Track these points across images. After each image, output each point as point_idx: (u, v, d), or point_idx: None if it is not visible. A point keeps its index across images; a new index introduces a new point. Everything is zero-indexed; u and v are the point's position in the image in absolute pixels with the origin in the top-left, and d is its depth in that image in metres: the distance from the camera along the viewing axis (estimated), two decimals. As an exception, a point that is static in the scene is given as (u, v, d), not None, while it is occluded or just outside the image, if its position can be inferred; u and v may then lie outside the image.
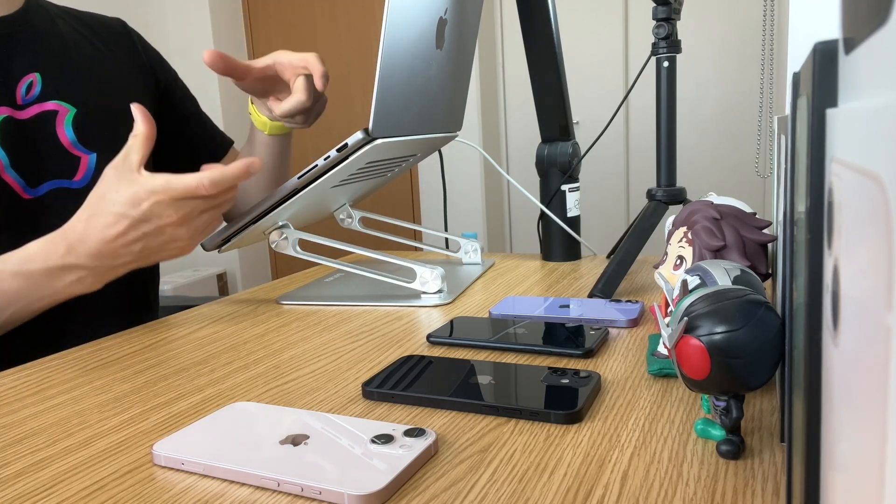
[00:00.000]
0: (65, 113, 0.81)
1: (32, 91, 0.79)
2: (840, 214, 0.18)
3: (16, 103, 0.78)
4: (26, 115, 0.79)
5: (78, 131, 0.82)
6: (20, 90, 0.79)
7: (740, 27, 2.85)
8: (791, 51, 0.51)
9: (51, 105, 0.81)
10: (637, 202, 3.16)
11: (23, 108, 0.79)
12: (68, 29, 0.88)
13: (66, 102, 0.82)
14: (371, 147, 0.69)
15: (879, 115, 0.13)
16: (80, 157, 0.83)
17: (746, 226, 0.46)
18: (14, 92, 0.78)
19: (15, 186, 0.78)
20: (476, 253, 0.97)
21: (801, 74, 0.24)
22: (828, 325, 0.20)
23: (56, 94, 0.81)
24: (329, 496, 0.34)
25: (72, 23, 0.90)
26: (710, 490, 0.34)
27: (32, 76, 0.80)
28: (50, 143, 0.80)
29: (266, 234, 0.78)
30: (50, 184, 0.80)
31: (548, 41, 0.90)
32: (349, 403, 0.48)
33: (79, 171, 0.83)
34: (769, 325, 0.34)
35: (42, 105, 0.80)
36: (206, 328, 0.70)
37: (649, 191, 0.82)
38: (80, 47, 0.88)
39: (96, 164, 0.84)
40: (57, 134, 0.81)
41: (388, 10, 0.64)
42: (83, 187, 0.83)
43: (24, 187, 0.78)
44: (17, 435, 0.45)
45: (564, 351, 0.55)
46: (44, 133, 0.80)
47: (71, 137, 0.82)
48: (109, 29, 0.95)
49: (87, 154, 0.83)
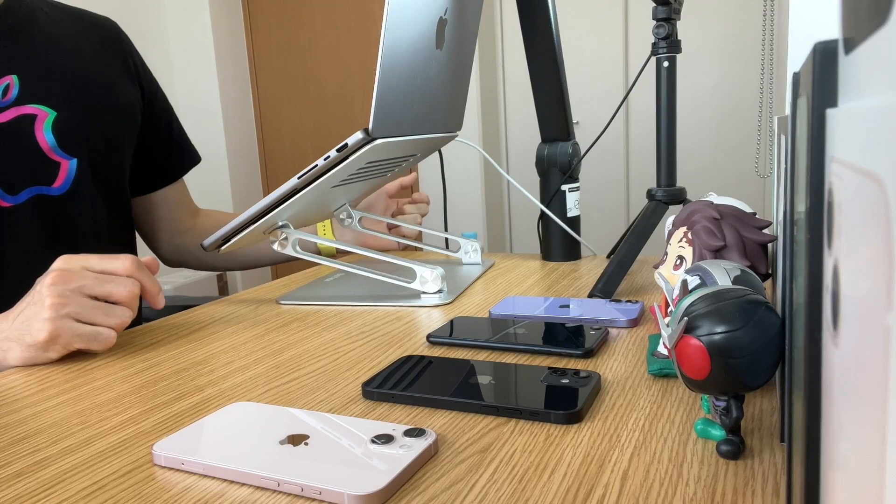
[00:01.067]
0: (44, 117, 0.79)
1: (9, 94, 0.77)
2: (840, 214, 0.18)
3: None
4: (3, 119, 0.76)
5: (58, 136, 0.80)
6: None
7: (740, 27, 2.85)
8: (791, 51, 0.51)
9: (29, 109, 0.78)
10: (637, 202, 3.16)
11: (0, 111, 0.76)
12: (52, 26, 0.85)
13: (46, 106, 0.79)
14: (371, 147, 0.69)
15: (879, 115, 0.13)
16: (59, 163, 0.80)
17: (746, 226, 0.46)
18: None
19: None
20: (476, 253, 0.97)
21: (801, 74, 0.24)
22: (828, 325, 0.20)
23: (34, 98, 0.78)
24: (329, 496, 0.34)
25: (57, 18, 0.87)
26: (710, 490, 0.34)
27: (9, 78, 0.77)
28: (28, 149, 0.78)
29: (266, 234, 0.78)
30: (29, 191, 0.78)
31: (548, 41, 0.90)
32: (349, 403, 0.48)
33: (58, 177, 0.80)
34: (769, 325, 0.34)
35: (20, 108, 0.77)
36: (206, 328, 0.70)
37: (649, 191, 0.82)
38: (64, 46, 0.84)
39: (77, 170, 0.81)
40: (36, 138, 0.78)
41: (388, 10, 0.64)
42: (62, 195, 0.81)
43: (2, 195, 0.76)
44: (17, 435, 0.45)
45: (564, 351, 0.55)
46: (22, 138, 0.77)
47: (51, 142, 0.79)
48: (100, 28, 0.92)
49: (67, 159, 0.81)
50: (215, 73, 3.16)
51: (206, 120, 3.19)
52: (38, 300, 0.59)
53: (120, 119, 0.89)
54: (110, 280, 0.61)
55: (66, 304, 0.58)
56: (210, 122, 3.20)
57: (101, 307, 0.60)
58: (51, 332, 0.57)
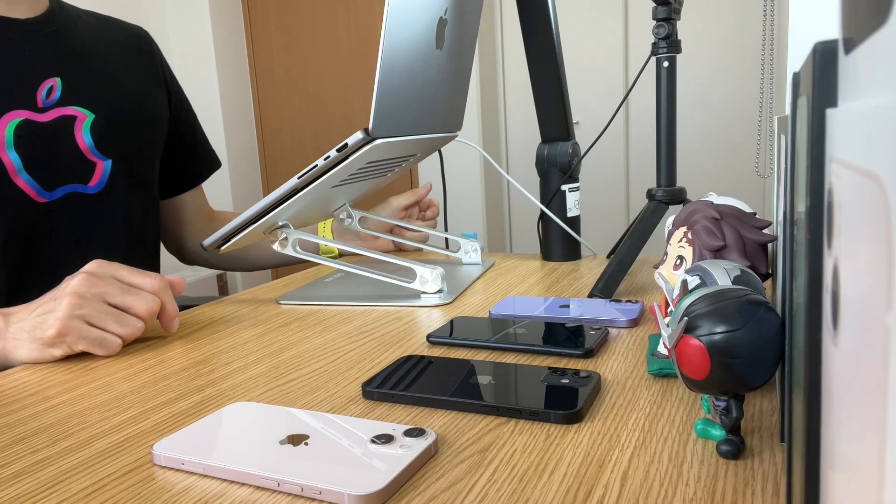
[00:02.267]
0: (83, 118, 0.82)
1: (53, 95, 0.80)
2: (840, 214, 0.18)
3: (36, 106, 0.79)
4: (46, 119, 0.79)
5: (95, 137, 0.83)
6: (41, 94, 0.79)
7: (740, 27, 2.85)
8: (791, 51, 0.51)
9: (70, 110, 0.81)
10: (637, 202, 3.16)
11: (43, 111, 0.79)
12: (90, 33, 0.89)
13: (85, 108, 0.83)
14: (371, 147, 0.69)
15: (879, 115, 0.13)
16: (95, 163, 0.84)
17: (746, 226, 0.46)
18: (35, 95, 0.79)
19: (28, 190, 0.78)
20: (476, 253, 0.97)
21: (801, 74, 0.24)
22: (828, 325, 0.20)
23: (76, 100, 0.82)
24: (329, 496, 0.34)
25: (95, 25, 0.91)
26: (710, 490, 0.34)
27: (53, 80, 0.81)
28: (67, 148, 0.81)
29: (266, 233, 0.78)
30: (65, 188, 0.81)
31: (548, 41, 0.90)
32: (349, 403, 0.48)
33: (94, 176, 0.84)
34: (769, 325, 0.34)
35: (62, 109, 0.81)
36: (206, 328, 0.70)
37: (649, 191, 0.82)
38: (101, 53, 0.88)
39: (111, 171, 0.85)
40: (75, 138, 0.82)
41: (388, 10, 0.64)
42: (97, 192, 0.84)
43: (38, 191, 0.79)
44: (17, 435, 0.45)
45: (564, 351, 0.55)
46: (62, 137, 0.81)
47: (88, 143, 0.82)
48: (132, 37, 0.96)
49: (102, 160, 0.84)
50: (215, 73, 3.16)
51: (207, 120, 3.16)
52: (58, 297, 0.60)
53: (151, 125, 0.94)
54: (134, 293, 0.62)
55: (82, 305, 0.59)
56: (210, 122, 3.19)
57: (114, 314, 0.61)
58: (59, 329, 0.58)
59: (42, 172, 0.79)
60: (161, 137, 0.97)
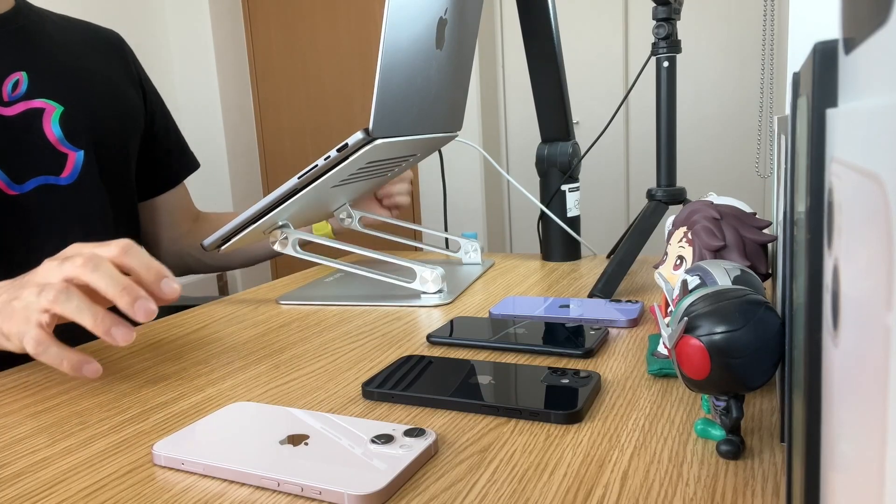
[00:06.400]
0: (51, 111, 0.82)
1: (18, 89, 0.80)
2: (840, 214, 0.18)
3: (2, 100, 0.78)
4: (12, 112, 0.79)
5: (65, 128, 0.83)
6: (6, 88, 0.79)
7: (740, 27, 2.85)
8: (791, 51, 0.51)
9: (37, 103, 0.81)
10: (637, 202, 3.16)
11: (8, 104, 0.79)
12: (59, 32, 0.89)
13: (53, 100, 0.82)
14: (371, 147, 0.69)
15: (879, 115, 0.13)
16: (67, 154, 0.83)
17: (746, 226, 0.46)
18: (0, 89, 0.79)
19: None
20: (476, 253, 0.97)
21: (801, 74, 0.24)
22: (828, 325, 0.20)
23: (42, 93, 0.81)
24: (329, 496, 0.34)
25: (64, 25, 0.91)
26: (710, 490, 0.34)
27: (18, 74, 0.80)
28: (36, 140, 0.81)
29: (266, 233, 0.78)
30: (36, 180, 0.80)
31: (548, 41, 0.90)
32: (349, 403, 0.48)
33: (66, 168, 0.83)
34: (769, 325, 0.34)
35: (28, 102, 0.80)
36: (206, 328, 0.70)
37: (649, 191, 0.82)
38: (70, 49, 0.88)
39: (84, 162, 0.84)
40: (44, 130, 0.81)
41: (388, 10, 0.64)
42: (70, 184, 0.84)
43: (8, 183, 0.78)
44: (17, 435, 0.45)
45: (564, 351, 0.55)
46: (30, 129, 0.80)
47: (58, 134, 0.82)
48: (103, 38, 0.95)
49: (74, 151, 0.84)
50: (215, 73, 3.16)
51: (206, 120, 3.19)
52: (28, 285, 0.54)
53: (124, 119, 0.92)
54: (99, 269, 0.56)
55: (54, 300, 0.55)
56: (210, 122, 3.20)
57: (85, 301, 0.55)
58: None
59: (10, 165, 0.78)
60: (136, 131, 0.95)
